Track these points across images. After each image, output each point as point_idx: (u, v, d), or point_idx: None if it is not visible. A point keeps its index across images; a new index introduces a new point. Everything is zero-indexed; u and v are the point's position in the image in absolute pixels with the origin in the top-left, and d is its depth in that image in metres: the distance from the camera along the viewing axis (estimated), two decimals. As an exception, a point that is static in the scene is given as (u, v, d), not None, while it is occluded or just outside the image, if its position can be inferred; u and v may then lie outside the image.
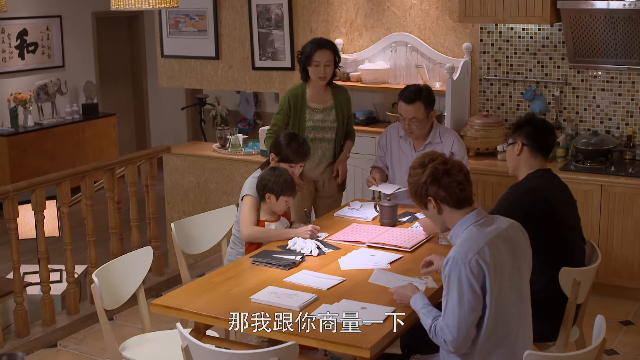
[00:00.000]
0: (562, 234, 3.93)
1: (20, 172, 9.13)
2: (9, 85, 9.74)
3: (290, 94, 5.29)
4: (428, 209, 3.29)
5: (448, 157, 3.31)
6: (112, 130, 10.72)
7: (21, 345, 5.10)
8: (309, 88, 5.27)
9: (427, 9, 6.51)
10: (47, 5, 10.17)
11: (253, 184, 4.51)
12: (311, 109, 5.25)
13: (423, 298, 3.29)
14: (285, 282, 3.76)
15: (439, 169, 3.22)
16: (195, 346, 3.20)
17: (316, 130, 5.27)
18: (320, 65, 5.13)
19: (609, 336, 5.13)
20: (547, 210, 3.90)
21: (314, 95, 5.27)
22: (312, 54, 5.13)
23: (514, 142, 4.03)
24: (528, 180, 3.99)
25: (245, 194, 4.50)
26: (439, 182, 3.21)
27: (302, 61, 5.21)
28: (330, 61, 5.16)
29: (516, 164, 4.04)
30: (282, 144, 4.66)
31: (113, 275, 4.01)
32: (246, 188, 4.54)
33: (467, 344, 3.10)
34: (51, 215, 6.10)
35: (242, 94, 11.21)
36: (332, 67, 5.18)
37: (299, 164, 4.68)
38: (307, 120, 5.24)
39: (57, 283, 6.08)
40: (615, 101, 6.07)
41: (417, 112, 4.86)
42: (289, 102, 5.25)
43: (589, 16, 5.66)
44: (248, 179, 4.62)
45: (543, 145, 4.03)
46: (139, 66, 11.65)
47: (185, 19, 7.57)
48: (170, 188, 7.36)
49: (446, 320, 3.08)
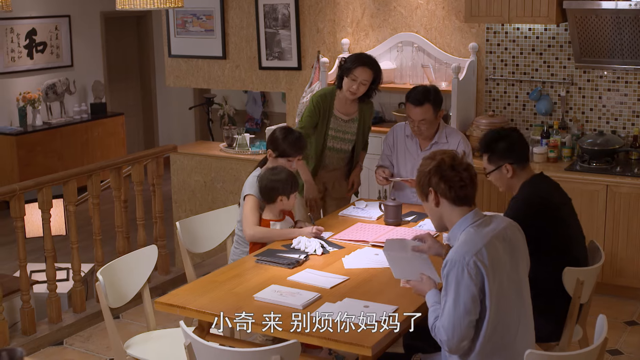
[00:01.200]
0: (566, 233, 3.95)
1: (29, 171, 9.17)
2: (17, 84, 9.79)
3: (319, 96, 5.22)
4: (428, 200, 3.29)
5: (461, 155, 3.30)
6: (120, 130, 10.76)
7: (27, 342, 5.13)
8: (338, 96, 5.22)
9: (434, 9, 6.52)
10: (56, 5, 10.21)
11: (254, 183, 4.50)
12: (336, 117, 5.22)
13: (436, 295, 3.28)
14: (289, 280, 3.77)
15: (446, 162, 3.22)
16: (198, 344, 3.21)
17: (335, 140, 5.24)
18: (357, 81, 5.05)
19: (613, 336, 5.13)
20: (554, 212, 3.91)
21: (342, 104, 5.21)
22: (354, 68, 5.04)
23: (498, 166, 3.95)
24: (530, 190, 3.95)
25: (247, 194, 4.50)
26: (441, 174, 3.20)
27: (342, 70, 5.14)
28: (367, 81, 5.07)
29: (509, 183, 4.00)
30: (279, 138, 4.62)
31: (118, 274, 4.03)
32: (247, 187, 4.53)
33: (462, 345, 3.11)
34: (58, 214, 6.14)
35: (250, 93, 11.24)
36: (367, 87, 5.10)
37: (297, 158, 4.65)
38: (330, 129, 5.20)
39: (64, 281, 6.11)
40: (622, 101, 6.06)
41: (426, 114, 4.84)
42: (318, 104, 5.19)
43: (595, 16, 5.66)
44: (248, 178, 4.61)
45: (525, 154, 4.01)
46: (147, 66, 11.69)
47: (192, 18, 7.60)
48: (177, 187, 7.38)
49: (442, 321, 3.10)
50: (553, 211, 3.92)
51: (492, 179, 4.04)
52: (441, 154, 3.28)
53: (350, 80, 5.06)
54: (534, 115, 6.36)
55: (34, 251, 6.79)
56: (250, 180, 4.57)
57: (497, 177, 4.01)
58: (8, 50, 9.66)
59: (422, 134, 4.94)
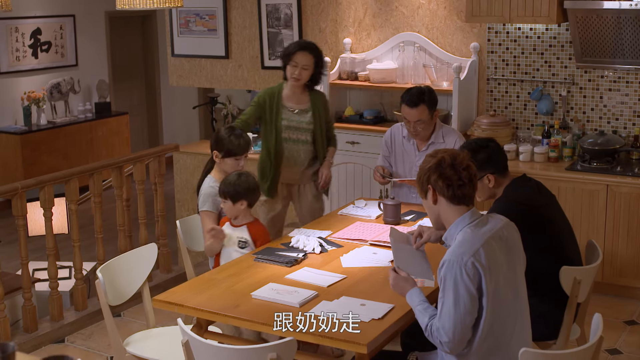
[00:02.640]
0: (556, 231, 3.96)
1: (33, 170, 9.20)
2: (22, 83, 9.83)
3: (266, 91, 5.24)
4: (426, 197, 3.30)
5: (463, 155, 3.28)
6: (124, 129, 10.79)
7: (29, 340, 5.16)
8: (285, 88, 5.21)
9: (435, 8, 6.53)
10: (61, 4, 10.25)
11: (209, 195, 4.45)
12: (287, 108, 5.18)
13: (420, 294, 3.29)
14: (287, 279, 3.79)
15: (446, 160, 3.22)
16: (195, 341, 3.24)
17: (291, 130, 5.19)
18: (298, 67, 5.06)
19: (613, 336, 5.14)
20: (537, 217, 3.92)
21: (290, 95, 5.19)
22: (293, 54, 5.06)
23: (480, 177, 3.88)
24: (512, 194, 3.94)
25: (202, 210, 4.45)
26: (441, 172, 3.20)
27: (283, 58, 5.15)
28: (309, 65, 5.07)
29: (492, 192, 4.00)
30: (224, 137, 4.56)
31: (117, 272, 4.06)
32: (202, 201, 4.48)
33: (462, 345, 3.12)
34: (60, 212, 6.17)
35: (253, 93, 11.26)
36: (309, 72, 5.10)
37: (244, 155, 4.60)
38: (282, 119, 5.17)
39: (67, 280, 6.14)
40: (623, 101, 6.07)
41: (421, 115, 4.86)
42: (263, 98, 5.18)
43: (596, 16, 5.67)
44: (203, 188, 4.52)
45: (504, 162, 4.00)
46: (152, 65, 11.72)
47: (195, 18, 7.63)
48: (180, 186, 7.41)
49: (442, 322, 3.09)
50: (537, 212, 3.92)
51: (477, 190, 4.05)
52: (443, 152, 3.29)
53: (291, 67, 5.07)
54: (535, 115, 6.37)
55: (38, 250, 6.82)
56: (205, 192, 4.51)
57: (479, 188, 4.02)
58: (13, 49, 9.70)
59: (418, 135, 4.95)
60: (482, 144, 4.00)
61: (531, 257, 3.64)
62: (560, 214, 4.09)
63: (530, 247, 3.73)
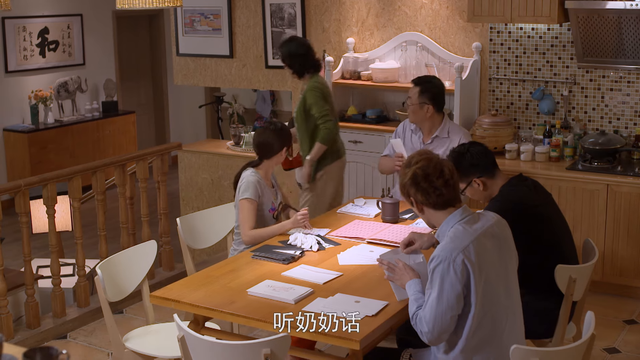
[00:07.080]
0: (552, 230, 3.98)
1: (40, 169, 9.25)
2: (30, 82, 9.89)
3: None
4: (413, 207, 3.37)
5: (432, 159, 3.29)
6: (131, 128, 10.84)
7: (31, 336, 5.21)
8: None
9: (438, 8, 6.55)
10: (69, 4, 10.31)
11: (249, 185, 4.53)
12: None
13: (418, 284, 3.33)
14: (283, 276, 3.83)
15: (418, 174, 3.26)
16: (191, 337, 3.27)
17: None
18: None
19: (612, 335, 5.15)
20: (533, 216, 3.94)
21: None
22: None
23: (468, 183, 3.96)
24: (508, 193, 3.97)
25: (242, 198, 4.53)
26: (416, 187, 3.26)
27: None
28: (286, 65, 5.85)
29: (485, 195, 4.03)
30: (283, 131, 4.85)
31: (117, 268, 4.10)
32: (242, 191, 4.56)
33: (442, 338, 3.16)
34: (64, 210, 6.21)
35: (259, 92, 11.30)
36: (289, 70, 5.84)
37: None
38: None
39: (70, 277, 6.19)
40: (624, 101, 6.08)
41: (411, 93, 5.08)
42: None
43: (597, 16, 5.68)
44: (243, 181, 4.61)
45: (489, 163, 4.02)
46: (159, 64, 11.77)
47: (200, 17, 7.68)
48: (185, 185, 7.45)
49: (424, 313, 3.15)
50: (533, 211, 3.94)
51: (469, 194, 4.08)
52: (415, 163, 3.30)
53: None
54: (537, 115, 6.38)
55: (43, 247, 6.87)
56: (245, 182, 4.58)
57: (471, 193, 4.06)
58: (20, 48, 9.76)
59: (409, 117, 5.14)
60: (462, 151, 4.03)
61: (527, 255, 3.67)
62: (556, 213, 4.11)
63: (526, 245, 3.76)
